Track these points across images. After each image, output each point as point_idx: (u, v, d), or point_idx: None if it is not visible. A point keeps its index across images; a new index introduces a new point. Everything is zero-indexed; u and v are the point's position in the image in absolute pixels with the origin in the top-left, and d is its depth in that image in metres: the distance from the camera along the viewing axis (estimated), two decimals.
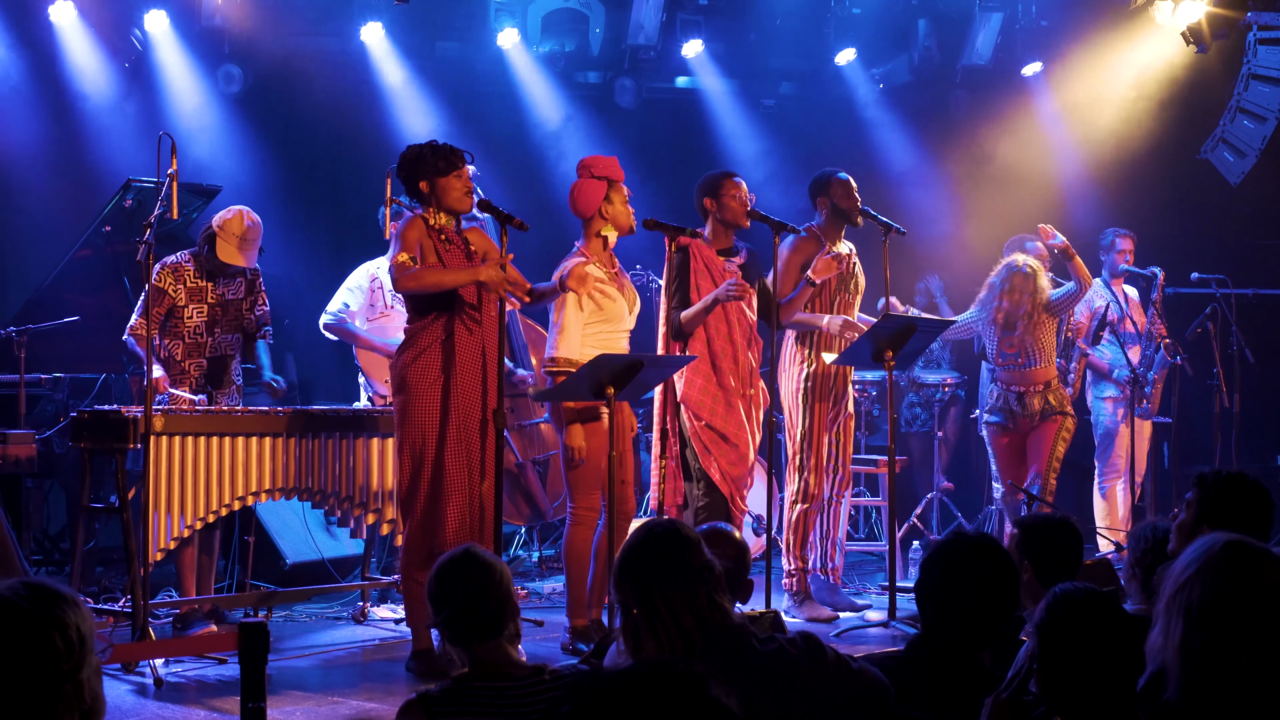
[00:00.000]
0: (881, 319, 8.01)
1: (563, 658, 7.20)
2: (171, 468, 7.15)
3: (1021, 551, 4.80)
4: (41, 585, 2.54)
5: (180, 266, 7.89)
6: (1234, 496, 4.74)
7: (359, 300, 8.92)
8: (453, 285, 6.88)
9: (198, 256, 7.92)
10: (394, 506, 7.60)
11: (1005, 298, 9.23)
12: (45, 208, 10.87)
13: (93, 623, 2.58)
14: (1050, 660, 3.29)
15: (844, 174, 8.65)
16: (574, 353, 7.37)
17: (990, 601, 3.89)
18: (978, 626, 3.89)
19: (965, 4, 12.18)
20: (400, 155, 7.10)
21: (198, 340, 7.92)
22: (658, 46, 11.93)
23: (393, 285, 7.00)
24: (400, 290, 6.98)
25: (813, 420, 8.50)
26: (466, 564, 3.94)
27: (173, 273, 7.86)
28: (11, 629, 2.47)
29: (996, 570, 3.93)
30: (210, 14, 10.79)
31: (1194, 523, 4.67)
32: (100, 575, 9.02)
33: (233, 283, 8.00)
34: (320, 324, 9.01)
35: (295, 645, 7.72)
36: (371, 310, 8.94)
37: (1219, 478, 4.81)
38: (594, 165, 7.62)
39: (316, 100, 11.52)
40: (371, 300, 8.93)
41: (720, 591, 3.70)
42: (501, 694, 3.77)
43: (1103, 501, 10.34)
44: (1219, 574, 3.11)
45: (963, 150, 12.80)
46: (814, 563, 8.66)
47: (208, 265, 7.91)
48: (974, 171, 12.74)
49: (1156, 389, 10.40)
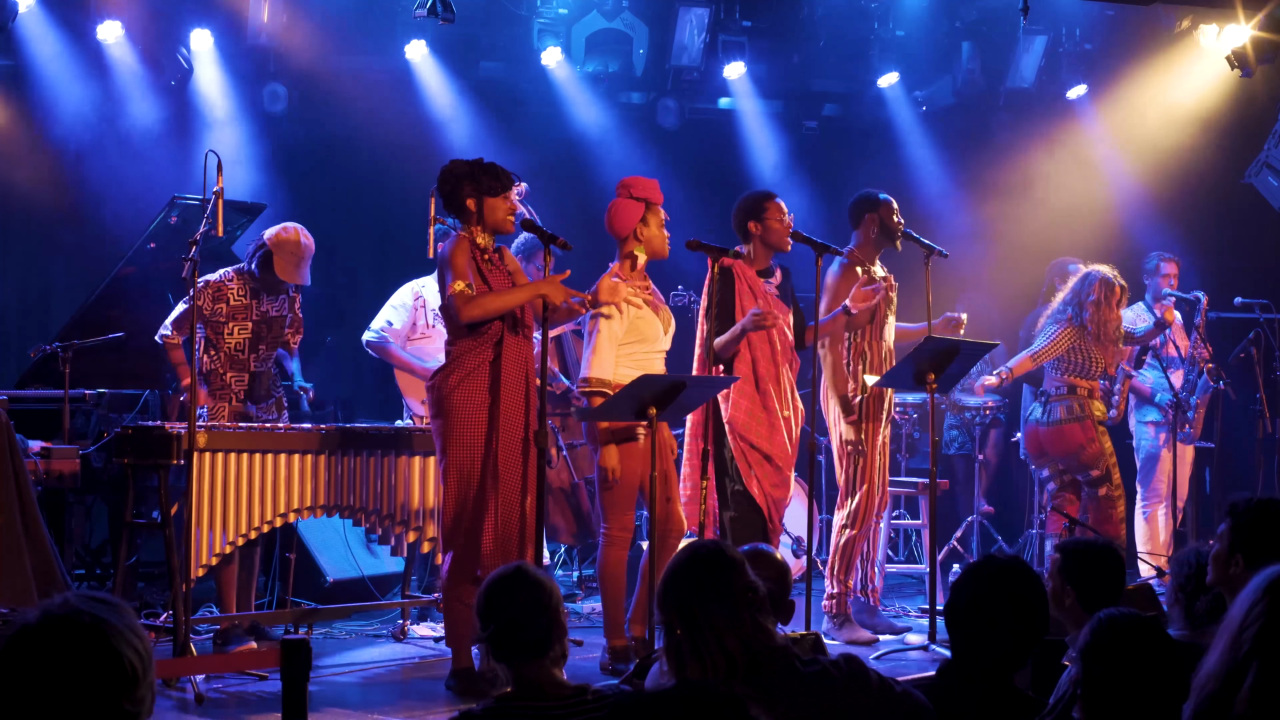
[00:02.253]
0: (924, 341, 7.99)
1: (602, 678, 7.19)
2: (214, 484, 7.18)
3: (1064, 576, 4.77)
4: (110, 601, 2.54)
5: (223, 286, 7.93)
6: (1267, 523, 4.67)
7: (402, 318, 8.96)
8: (515, 305, 6.88)
9: (243, 274, 7.96)
10: (435, 525, 7.60)
11: (1098, 309, 9.23)
12: (91, 224, 10.94)
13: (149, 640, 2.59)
14: (1094, 686, 3.27)
15: (886, 195, 8.64)
16: (607, 373, 7.37)
17: (1018, 624, 3.87)
18: (1006, 649, 3.87)
19: (1009, 27, 12.16)
20: (443, 170, 7.06)
21: (239, 356, 7.96)
22: (701, 67, 11.95)
23: (455, 316, 6.86)
24: (466, 320, 6.82)
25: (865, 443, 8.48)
26: (518, 581, 3.92)
27: (214, 293, 7.90)
28: (87, 645, 2.47)
29: (1024, 592, 3.91)
30: (256, 32, 10.84)
31: (1228, 552, 4.61)
32: (141, 591, 9.06)
33: (276, 300, 8.04)
34: (362, 339, 9.05)
35: (335, 662, 7.74)
36: (413, 330, 8.97)
37: (1250, 505, 4.74)
38: (633, 186, 7.61)
39: (360, 119, 11.55)
40: (414, 319, 8.96)
41: (764, 613, 3.70)
42: (544, 714, 3.75)
43: (1145, 526, 10.30)
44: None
45: (1005, 173, 12.77)
46: (854, 585, 8.64)
47: (260, 282, 7.95)
48: (1016, 195, 12.70)
49: (1199, 414, 10.35)
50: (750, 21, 12.18)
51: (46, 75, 10.85)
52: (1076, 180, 12.62)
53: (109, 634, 2.48)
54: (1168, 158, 12.37)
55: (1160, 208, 12.39)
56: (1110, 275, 9.27)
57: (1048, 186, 12.62)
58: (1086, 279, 9.32)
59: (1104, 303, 9.22)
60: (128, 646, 2.49)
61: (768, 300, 7.93)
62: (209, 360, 7.93)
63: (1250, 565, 4.39)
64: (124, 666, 2.47)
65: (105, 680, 2.46)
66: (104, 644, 2.47)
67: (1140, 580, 9.14)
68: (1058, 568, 4.85)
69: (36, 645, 2.45)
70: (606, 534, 7.50)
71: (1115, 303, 9.24)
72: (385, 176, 11.87)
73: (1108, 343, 9.27)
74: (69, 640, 2.46)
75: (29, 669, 2.44)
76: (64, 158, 11.04)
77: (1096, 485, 9.28)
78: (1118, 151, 12.65)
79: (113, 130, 11.06)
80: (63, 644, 2.45)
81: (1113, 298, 9.23)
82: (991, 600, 3.88)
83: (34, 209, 11.06)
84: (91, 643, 2.47)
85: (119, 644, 2.48)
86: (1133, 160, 12.58)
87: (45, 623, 2.47)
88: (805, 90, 12.93)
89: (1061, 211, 12.40)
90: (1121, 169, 12.65)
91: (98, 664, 2.46)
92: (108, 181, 10.95)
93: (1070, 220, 12.21)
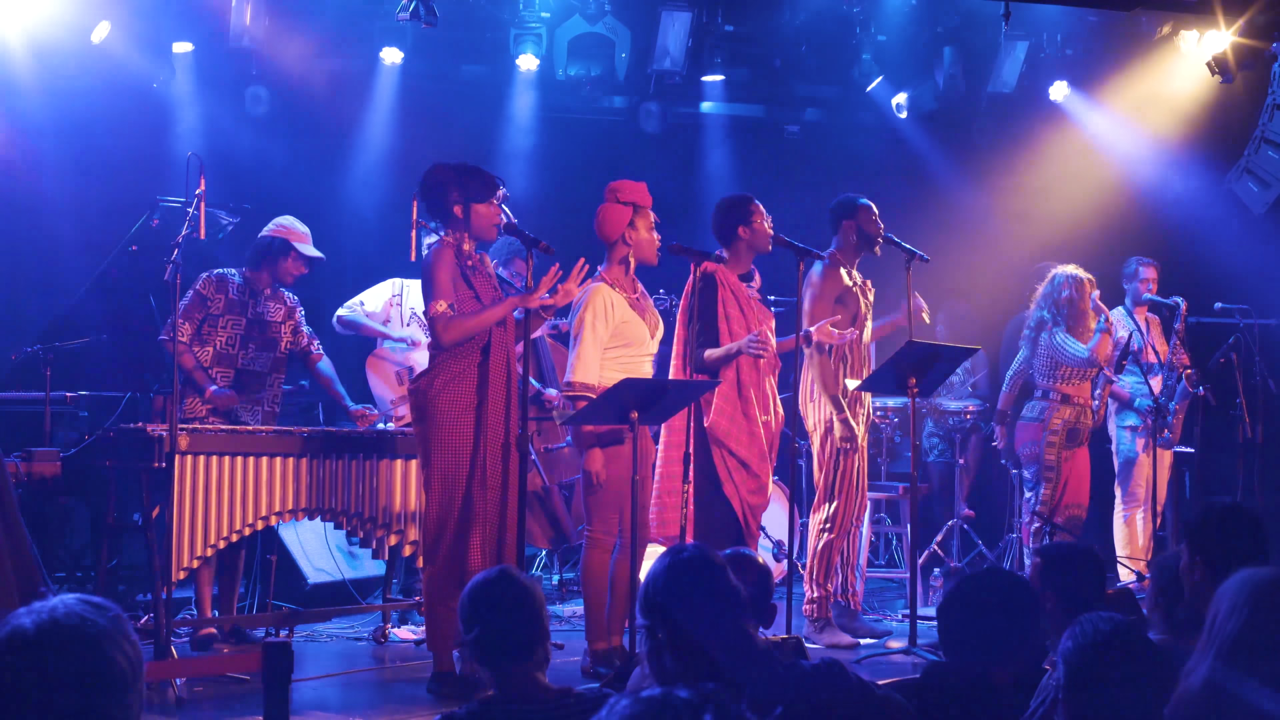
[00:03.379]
0: (905, 346, 8.01)
1: (583, 680, 7.20)
2: (195, 487, 7.18)
3: (1043, 581, 4.79)
4: (102, 605, 2.54)
5: (226, 279, 7.99)
6: (1217, 527, 4.66)
7: (379, 302, 9.09)
8: (494, 322, 6.87)
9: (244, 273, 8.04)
10: (415, 528, 7.61)
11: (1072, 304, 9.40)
12: (72, 227, 10.89)
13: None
14: (1077, 689, 3.28)
15: (865, 200, 8.67)
16: (592, 377, 7.37)
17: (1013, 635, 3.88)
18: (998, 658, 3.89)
19: (991, 32, 12.18)
20: (427, 173, 7.05)
21: (228, 352, 8.01)
22: (683, 72, 11.94)
23: (437, 339, 6.90)
24: (447, 343, 6.86)
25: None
26: (503, 584, 3.92)
27: (217, 282, 7.97)
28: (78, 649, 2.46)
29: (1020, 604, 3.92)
30: (239, 35, 10.82)
31: (1190, 563, 4.62)
32: (123, 593, 9.04)
33: (270, 303, 8.08)
34: (334, 317, 9.13)
35: (317, 666, 7.74)
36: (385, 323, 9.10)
37: (1202, 513, 4.75)
38: (621, 190, 7.62)
39: (342, 122, 11.55)
40: (386, 314, 9.07)
41: (745, 617, 3.71)
42: (527, 717, 3.76)
43: (1124, 530, 10.32)
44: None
45: (987, 177, 12.80)
46: (835, 589, 8.65)
47: (267, 277, 8.03)
48: (998, 198, 12.74)
49: (1178, 418, 10.38)
50: (732, 26, 12.19)
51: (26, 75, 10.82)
52: (1058, 184, 12.66)
53: (100, 638, 2.48)
54: (1148, 163, 12.43)
55: (1140, 212, 12.43)
56: (1075, 271, 9.45)
57: (1030, 191, 12.65)
58: (1054, 280, 9.52)
59: (1076, 297, 9.43)
60: (119, 651, 2.49)
61: (751, 306, 7.95)
62: (196, 354, 7.96)
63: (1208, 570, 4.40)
64: (115, 671, 2.47)
65: (96, 685, 2.46)
66: (95, 648, 2.47)
67: (1120, 585, 9.18)
68: (1038, 572, 4.86)
69: (27, 649, 2.44)
70: (590, 536, 7.50)
71: (1086, 294, 9.42)
72: (367, 180, 11.86)
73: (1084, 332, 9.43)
74: (60, 644, 2.46)
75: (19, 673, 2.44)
76: (44, 158, 11.00)
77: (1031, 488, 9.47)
78: (1098, 156, 12.69)
79: (94, 131, 11.03)
80: (53, 648, 2.45)
81: (1083, 290, 9.43)
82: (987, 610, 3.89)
83: (13, 211, 11.03)
84: (83, 647, 2.46)
85: (110, 648, 2.48)
86: (1113, 165, 12.63)
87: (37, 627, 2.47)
88: (787, 95, 12.94)
89: (1043, 216, 12.44)
90: (1102, 173, 12.69)
91: (88, 668, 2.46)
92: (89, 184, 10.93)
93: (1052, 224, 12.24)
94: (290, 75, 11.25)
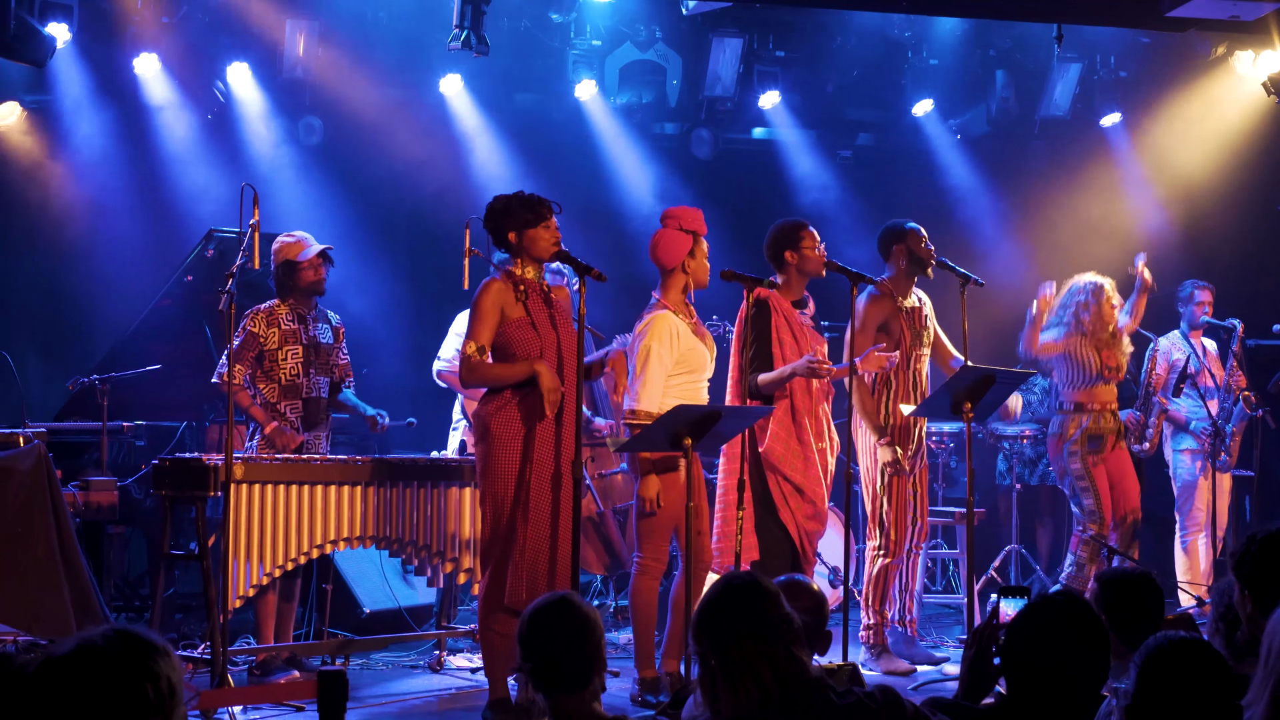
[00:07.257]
0: (960, 370, 7.97)
1: (633, 709, 7.18)
2: (251, 515, 7.19)
3: (1101, 607, 4.72)
4: (134, 634, 2.55)
5: (273, 311, 7.97)
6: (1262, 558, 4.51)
7: (451, 349, 9.08)
8: (513, 379, 6.89)
9: (285, 301, 8.01)
10: (471, 556, 7.61)
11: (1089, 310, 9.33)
12: (129, 258, 10.99)
13: (182, 672, 2.59)
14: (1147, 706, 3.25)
15: (915, 224, 8.64)
16: (655, 405, 7.34)
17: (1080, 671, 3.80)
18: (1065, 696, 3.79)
19: (1043, 55, 12.16)
20: (487, 206, 7.10)
21: (294, 382, 7.95)
22: (735, 98, 11.96)
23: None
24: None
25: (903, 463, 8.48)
26: (562, 612, 3.91)
27: (266, 316, 7.94)
28: (104, 678, 2.48)
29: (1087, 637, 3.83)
30: (292, 65, 10.91)
31: (1241, 597, 4.49)
32: (179, 622, 9.08)
33: (318, 325, 8.08)
34: (434, 370, 9.16)
35: (372, 694, 7.74)
36: None
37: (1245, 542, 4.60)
38: (681, 217, 7.62)
39: (395, 151, 11.59)
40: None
41: (798, 645, 3.68)
42: None
43: (1184, 556, 10.23)
44: None
45: (1040, 201, 12.76)
46: (891, 615, 8.61)
47: (296, 304, 8.00)
48: (1052, 223, 12.68)
49: (1235, 441, 10.30)
50: (784, 51, 12.21)
51: (82, 109, 10.93)
52: (1112, 208, 12.58)
53: (135, 665, 2.49)
54: (1203, 185, 12.34)
55: (1195, 235, 12.35)
56: (1093, 278, 9.40)
57: (1084, 214, 12.59)
58: (1072, 289, 9.44)
59: (1094, 303, 9.36)
60: (150, 680, 2.50)
61: (804, 332, 7.93)
62: (262, 391, 7.94)
63: (1258, 602, 4.29)
64: (148, 697, 2.48)
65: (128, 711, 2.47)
66: (129, 675, 2.48)
67: (1180, 610, 9.09)
68: (1096, 598, 4.81)
69: (63, 675, 2.47)
70: (640, 563, 7.49)
71: (1106, 300, 9.32)
72: (420, 209, 11.91)
73: (1105, 343, 9.33)
74: (95, 670, 2.48)
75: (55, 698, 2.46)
76: (100, 191, 11.11)
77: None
78: (1153, 179, 12.63)
79: (149, 164, 11.12)
80: (89, 674, 2.47)
81: (1102, 296, 9.32)
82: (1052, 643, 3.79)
83: (69, 244, 11.13)
84: (117, 673, 2.48)
85: (144, 675, 2.49)
86: (1167, 188, 12.55)
87: (74, 652, 2.49)
88: (839, 119, 12.94)
89: (1097, 239, 12.35)
90: (1156, 196, 12.62)
91: (122, 694, 2.47)
92: (145, 216, 11.02)
93: (1106, 248, 12.16)
94: (344, 105, 11.31)
